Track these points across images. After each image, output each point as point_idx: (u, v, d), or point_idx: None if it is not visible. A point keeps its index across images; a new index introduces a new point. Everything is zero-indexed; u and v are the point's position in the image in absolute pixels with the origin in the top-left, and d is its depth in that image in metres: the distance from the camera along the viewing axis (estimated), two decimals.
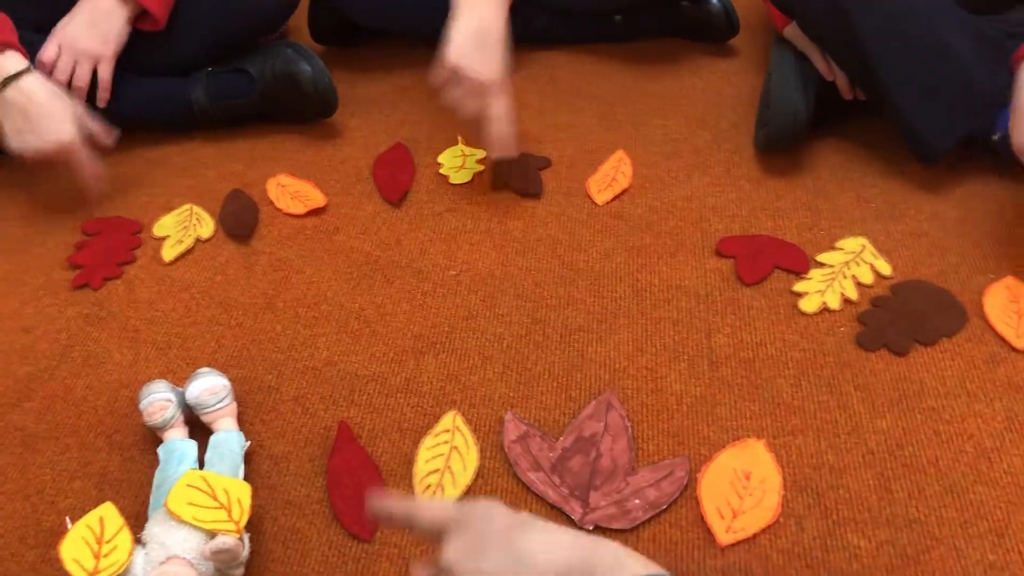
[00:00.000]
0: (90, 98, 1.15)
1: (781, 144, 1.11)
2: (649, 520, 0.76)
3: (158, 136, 1.27)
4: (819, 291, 0.96)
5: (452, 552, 0.53)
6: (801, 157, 1.14)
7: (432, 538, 0.56)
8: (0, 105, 1.01)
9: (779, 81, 1.11)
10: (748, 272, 0.99)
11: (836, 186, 1.10)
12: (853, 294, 0.95)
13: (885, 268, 0.98)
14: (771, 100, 1.10)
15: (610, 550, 0.51)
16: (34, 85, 1.01)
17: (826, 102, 1.13)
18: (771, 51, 1.19)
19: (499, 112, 1.04)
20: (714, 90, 1.30)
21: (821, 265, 0.99)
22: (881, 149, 1.08)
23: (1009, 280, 0.95)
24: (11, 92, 1.00)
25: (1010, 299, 0.93)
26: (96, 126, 1.05)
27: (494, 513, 0.54)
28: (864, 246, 1.01)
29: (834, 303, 0.94)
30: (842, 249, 1.01)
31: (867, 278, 0.97)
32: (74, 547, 0.69)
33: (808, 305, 0.95)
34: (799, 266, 0.99)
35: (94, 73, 1.15)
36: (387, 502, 0.60)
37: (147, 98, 1.23)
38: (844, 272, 0.98)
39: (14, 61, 1.02)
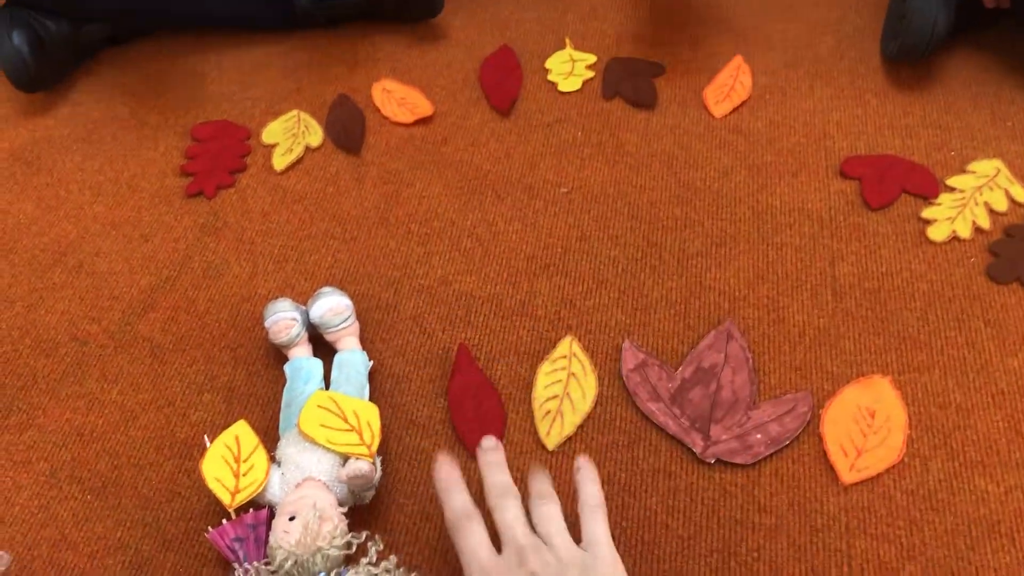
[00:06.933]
0: None
1: (914, 56, 1.04)
2: (771, 455, 0.76)
3: (254, 38, 1.24)
4: (949, 218, 0.92)
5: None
6: (932, 69, 1.07)
7: None
8: None
9: None
10: (874, 195, 0.95)
11: (969, 102, 1.03)
12: (985, 222, 0.91)
13: (1020, 194, 0.93)
14: (906, 10, 1.03)
15: None
16: None
17: (964, 10, 1.06)
18: None
19: None
20: None
21: (951, 190, 0.95)
22: (1019, 62, 1.01)
23: None
24: None
25: None
26: None
27: None
28: (998, 169, 0.96)
29: (964, 231, 0.90)
30: (974, 172, 0.96)
31: (1001, 205, 0.92)
32: (215, 466, 0.72)
33: (937, 233, 0.91)
34: (928, 190, 0.95)
35: None
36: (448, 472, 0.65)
37: None
38: (976, 198, 0.93)
39: None
